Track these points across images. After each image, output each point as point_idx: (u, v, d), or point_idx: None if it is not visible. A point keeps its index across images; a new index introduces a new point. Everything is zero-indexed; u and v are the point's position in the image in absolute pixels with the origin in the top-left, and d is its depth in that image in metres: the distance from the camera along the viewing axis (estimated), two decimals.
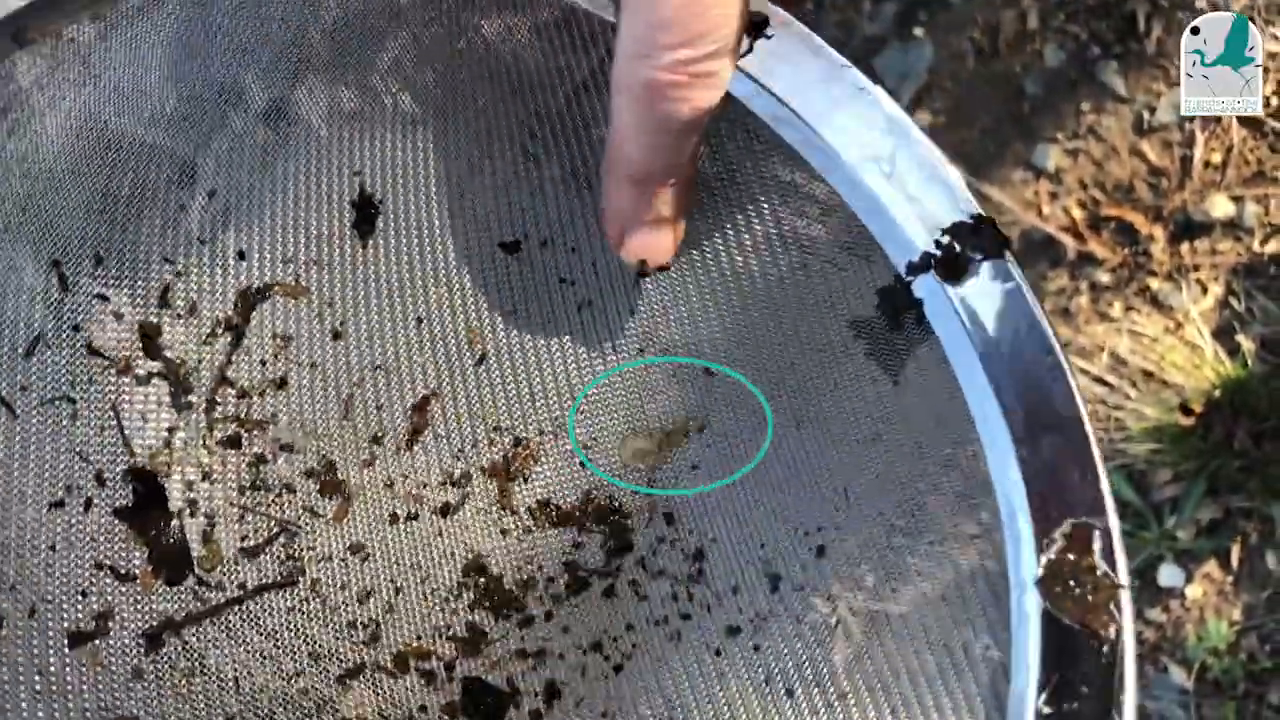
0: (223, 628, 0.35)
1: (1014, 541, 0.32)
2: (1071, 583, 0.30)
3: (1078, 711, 0.29)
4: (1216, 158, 1.01)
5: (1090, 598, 0.30)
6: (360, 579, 0.38)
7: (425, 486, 0.39)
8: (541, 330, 0.41)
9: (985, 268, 0.34)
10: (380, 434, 0.39)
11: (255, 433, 0.37)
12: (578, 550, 0.40)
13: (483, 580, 0.39)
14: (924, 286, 0.35)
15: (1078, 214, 1.04)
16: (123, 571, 0.34)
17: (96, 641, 0.34)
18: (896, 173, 0.35)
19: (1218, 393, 0.98)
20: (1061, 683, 0.29)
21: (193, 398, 0.36)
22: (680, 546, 0.39)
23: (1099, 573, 0.30)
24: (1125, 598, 0.30)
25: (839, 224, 0.36)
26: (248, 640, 0.36)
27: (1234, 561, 0.98)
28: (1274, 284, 0.99)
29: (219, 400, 0.37)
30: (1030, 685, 0.30)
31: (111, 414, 0.35)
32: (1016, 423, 0.33)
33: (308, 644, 0.36)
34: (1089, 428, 0.32)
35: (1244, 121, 1.00)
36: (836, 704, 0.34)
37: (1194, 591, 0.98)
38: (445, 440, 0.40)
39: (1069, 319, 1.04)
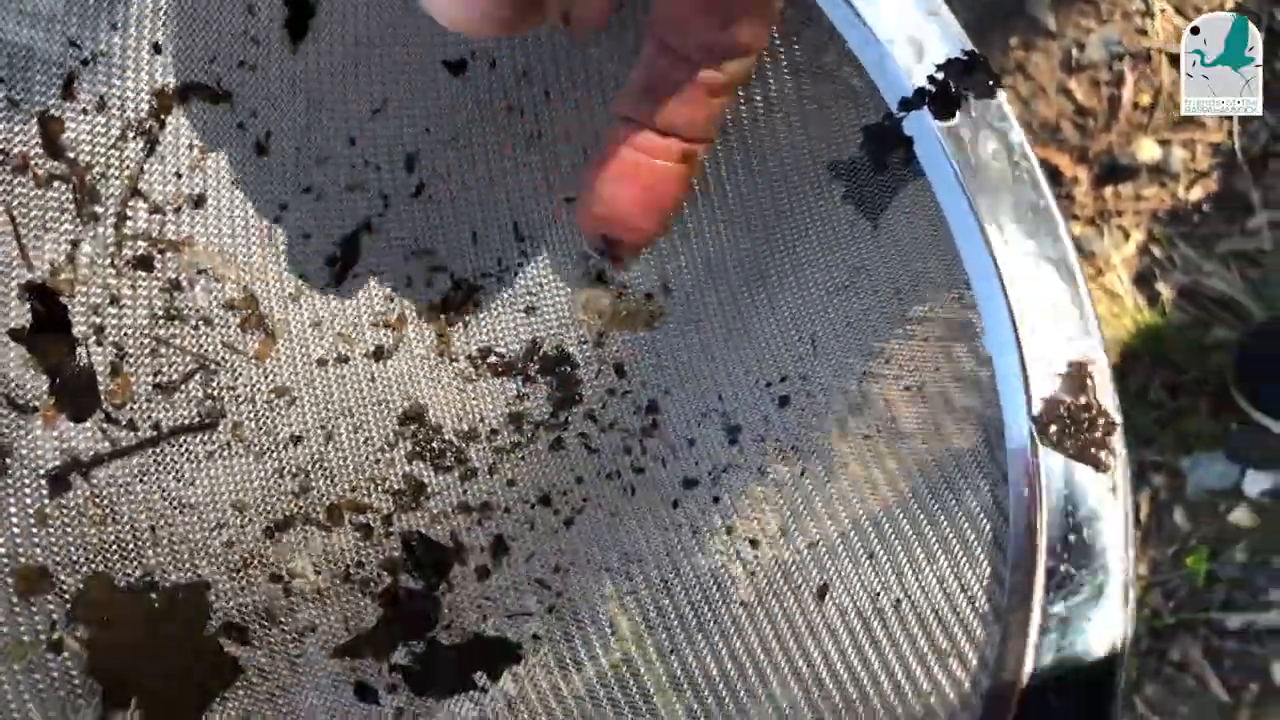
0: (136, 472, 0.33)
1: (1007, 382, 0.33)
2: (1067, 420, 0.32)
3: (1084, 548, 0.30)
4: (1145, 99, 1.04)
5: (1086, 435, 0.32)
6: (286, 424, 0.36)
7: (356, 327, 0.38)
8: (485, 163, 0.39)
9: (978, 105, 0.35)
10: (307, 266, 0.37)
11: (169, 254, 0.35)
12: (522, 401, 0.39)
13: (421, 430, 0.38)
14: (914, 124, 0.35)
15: None
16: (21, 402, 0.32)
17: None
18: (891, 8, 0.35)
19: (1136, 343, 1.02)
20: (1062, 520, 0.31)
21: (99, 208, 0.33)
22: (632, 399, 0.39)
23: (1095, 411, 0.32)
24: (1119, 434, 0.32)
25: (829, 54, 0.36)
26: (164, 487, 0.34)
27: (1143, 516, 1.03)
28: (1196, 232, 1.03)
29: (129, 214, 0.34)
30: (1030, 525, 0.31)
31: (5, 218, 0.32)
32: (1006, 261, 0.34)
33: (231, 493, 0.35)
34: (1077, 265, 0.33)
35: (1174, 62, 1.04)
36: (806, 551, 0.35)
37: None
38: (379, 278, 0.38)
39: None
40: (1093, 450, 0.32)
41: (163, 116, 0.34)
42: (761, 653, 0.34)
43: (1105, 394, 0.33)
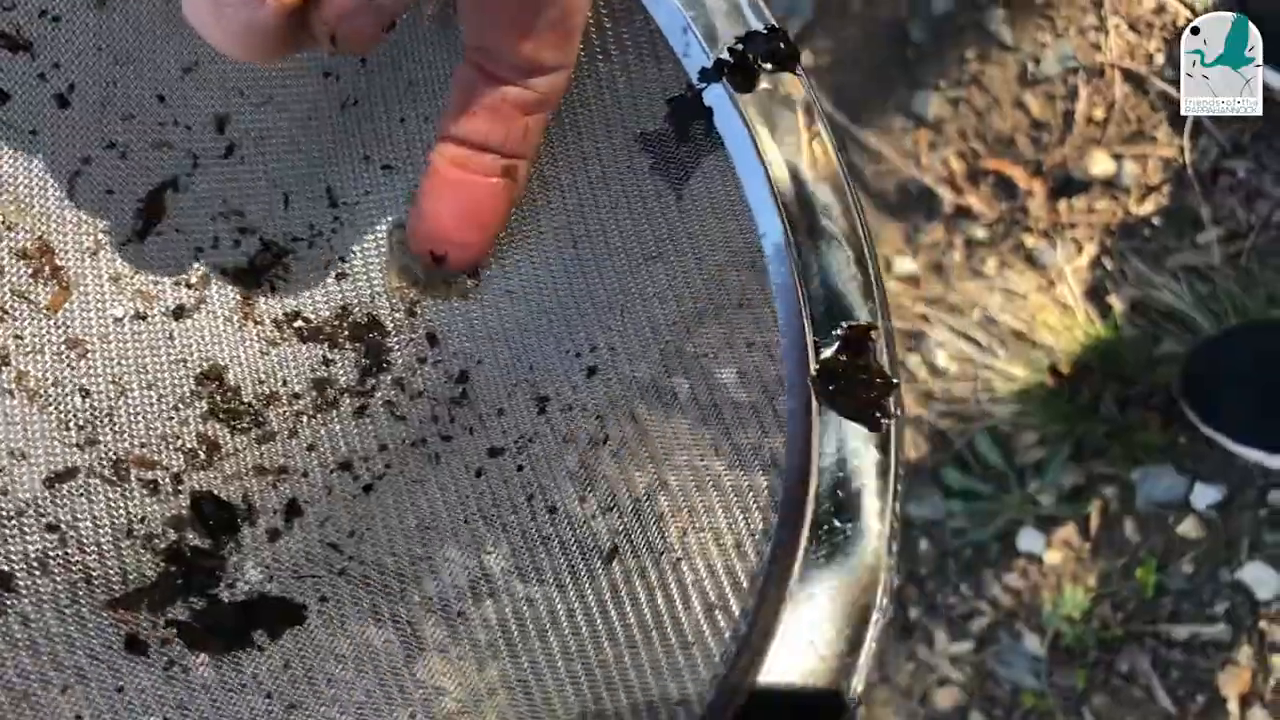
0: None
1: (791, 343, 0.34)
2: (847, 381, 0.33)
3: (852, 501, 0.32)
4: (1099, 113, 1.08)
5: (865, 394, 0.33)
6: (75, 376, 0.37)
7: (157, 285, 0.39)
8: (300, 126, 0.40)
9: (775, 78, 0.37)
10: (108, 222, 0.38)
11: None
12: (328, 367, 0.40)
13: (219, 391, 0.38)
14: (713, 95, 0.37)
15: (956, 166, 1.09)
16: None
17: None
18: None
19: (1087, 355, 1.05)
20: (835, 475, 0.32)
21: None
22: (444, 368, 0.40)
23: (873, 372, 0.33)
24: (895, 396, 0.33)
25: (635, 29, 0.38)
26: None
27: (1093, 528, 1.05)
28: (1147, 246, 1.06)
29: None
30: (805, 479, 0.32)
31: None
32: (799, 231, 0.35)
33: (9, 441, 0.35)
34: (864, 234, 0.35)
35: (1127, 77, 1.08)
36: (599, 516, 0.36)
37: (1052, 557, 1.05)
38: (183, 236, 0.39)
39: (941, 274, 1.10)
40: (868, 409, 0.33)
41: None
42: (547, 616, 0.35)
43: (883, 357, 0.34)
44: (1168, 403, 1.03)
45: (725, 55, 0.37)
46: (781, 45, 0.37)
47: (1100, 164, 1.07)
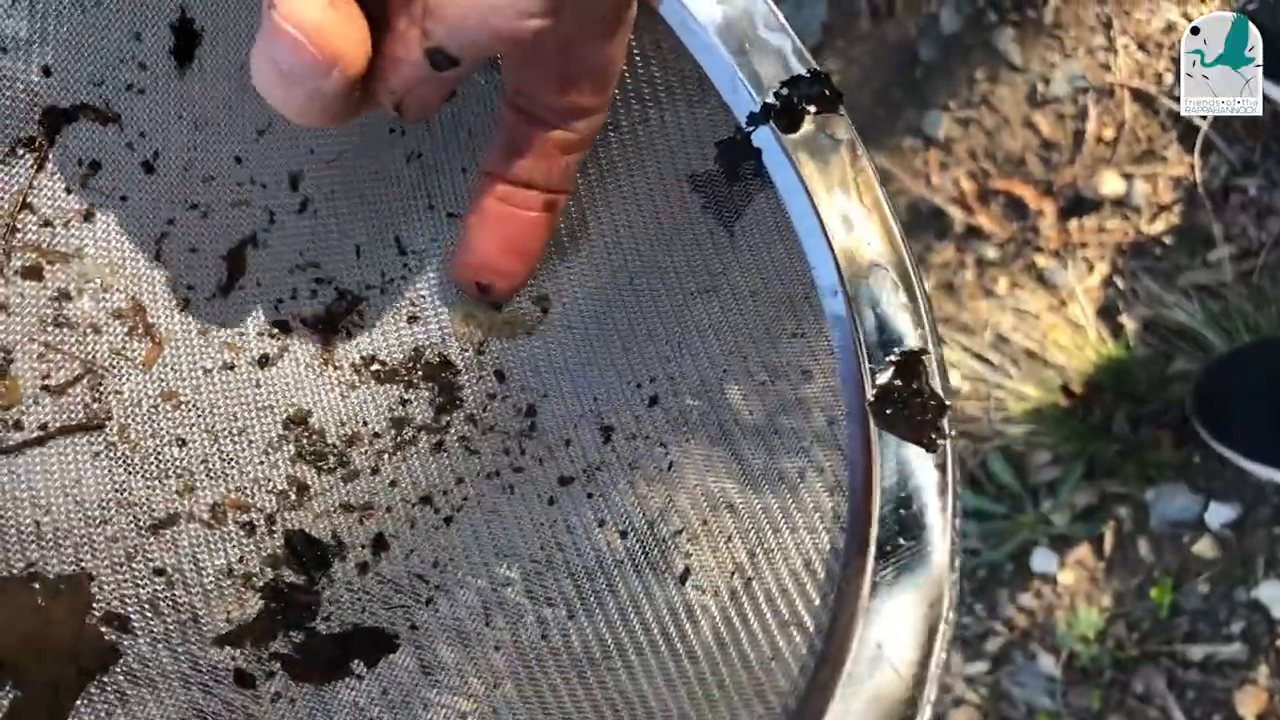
0: (22, 469, 0.36)
1: (847, 371, 0.36)
2: (900, 406, 0.35)
3: (914, 519, 0.33)
4: (1109, 133, 1.08)
5: (920, 417, 0.35)
6: (173, 427, 0.39)
7: (242, 335, 0.40)
8: (369, 180, 0.42)
9: (820, 119, 0.38)
10: (194, 278, 0.40)
11: (58, 266, 0.37)
12: (405, 406, 0.42)
13: (305, 434, 0.40)
14: (761, 137, 0.39)
15: (967, 186, 1.09)
16: None
17: None
18: (744, 35, 0.38)
19: (1099, 374, 1.05)
20: (896, 497, 0.34)
21: None
22: (512, 403, 0.42)
23: (926, 395, 0.35)
24: (947, 418, 0.35)
25: (685, 77, 0.39)
26: (50, 483, 0.36)
27: (1107, 548, 1.04)
28: (1158, 265, 1.06)
29: (19, 226, 0.37)
30: (867, 500, 0.34)
31: None
32: (848, 263, 0.37)
33: (116, 491, 0.37)
34: (910, 262, 0.37)
35: (1136, 97, 1.08)
36: (670, 539, 0.38)
37: (1066, 577, 1.04)
38: (264, 289, 0.41)
39: (953, 294, 1.09)
40: (924, 431, 0.35)
41: (52, 135, 0.37)
42: (625, 634, 0.37)
43: (935, 380, 0.36)
44: (1180, 421, 1.03)
45: (771, 99, 0.39)
46: (825, 90, 0.39)
47: (1110, 183, 1.07)
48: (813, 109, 0.39)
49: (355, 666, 0.37)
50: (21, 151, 0.37)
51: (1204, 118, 1.05)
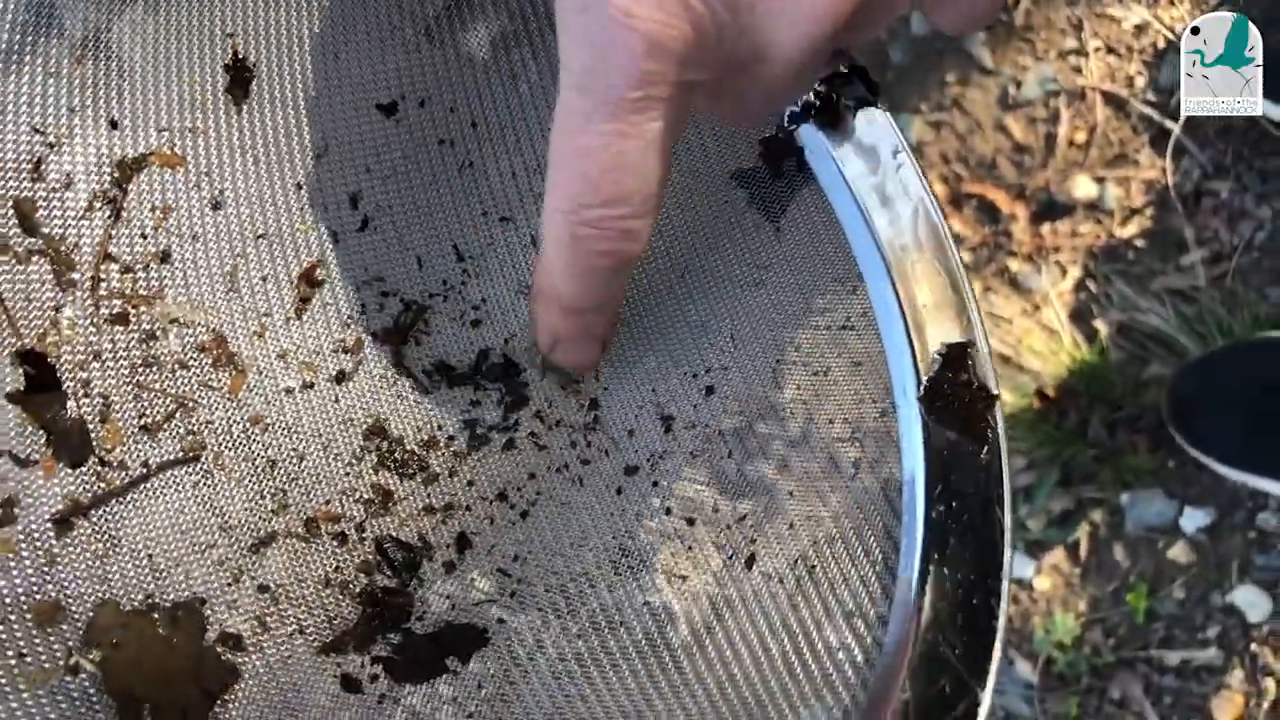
0: (130, 506, 0.38)
1: (897, 362, 0.37)
2: (950, 397, 0.36)
3: (964, 507, 0.35)
4: (1080, 137, 1.05)
5: (967, 410, 0.36)
6: (263, 450, 0.40)
7: (318, 355, 0.42)
8: (423, 192, 0.43)
9: (860, 114, 0.39)
10: (268, 305, 0.41)
11: (142, 308, 0.39)
12: (475, 408, 0.43)
13: (385, 443, 0.42)
14: (804, 134, 0.39)
15: (939, 190, 1.07)
16: (22, 457, 0.36)
17: (4, 529, 0.35)
18: None
19: (1073, 379, 1.04)
20: (948, 486, 0.35)
21: (75, 275, 0.38)
22: (575, 398, 0.43)
23: (975, 387, 0.36)
24: (998, 408, 0.36)
25: None
26: (157, 517, 0.38)
27: (1082, 553, 1.03)
28: (1131, 269, 1.04)
29: (103, 276, 0.38)
30: (919, 490, 0.35)
31: None
32: (894, 257, 0.38)
33: (217, 516, 0.39)
34: (955, 257, 0.37)
35: (1108, 100, 1.05)
36: (734, 525, 0.40)
37: (1042, 583, 1.04)
38: (334, 307, 0.42)
39: None
40: (973, 421, 0.36)
41: (124, 185, 0.39)
42: (698, 616, 0.39)
43: (984, 372, 0.37)
44: (1156, 426, 1.01)
45: (811, 97, 0.39)
46: (864, 85, 0.39)
47: (1083, 187, 1.05)
48: (852, 104, 0.39)
49: (451, 664, 0.39)
50: (98, 205, 0.38)
51: (1175, 120, 1.04)
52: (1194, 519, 1.02)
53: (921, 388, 0.37)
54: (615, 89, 0.31)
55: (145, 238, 0.39)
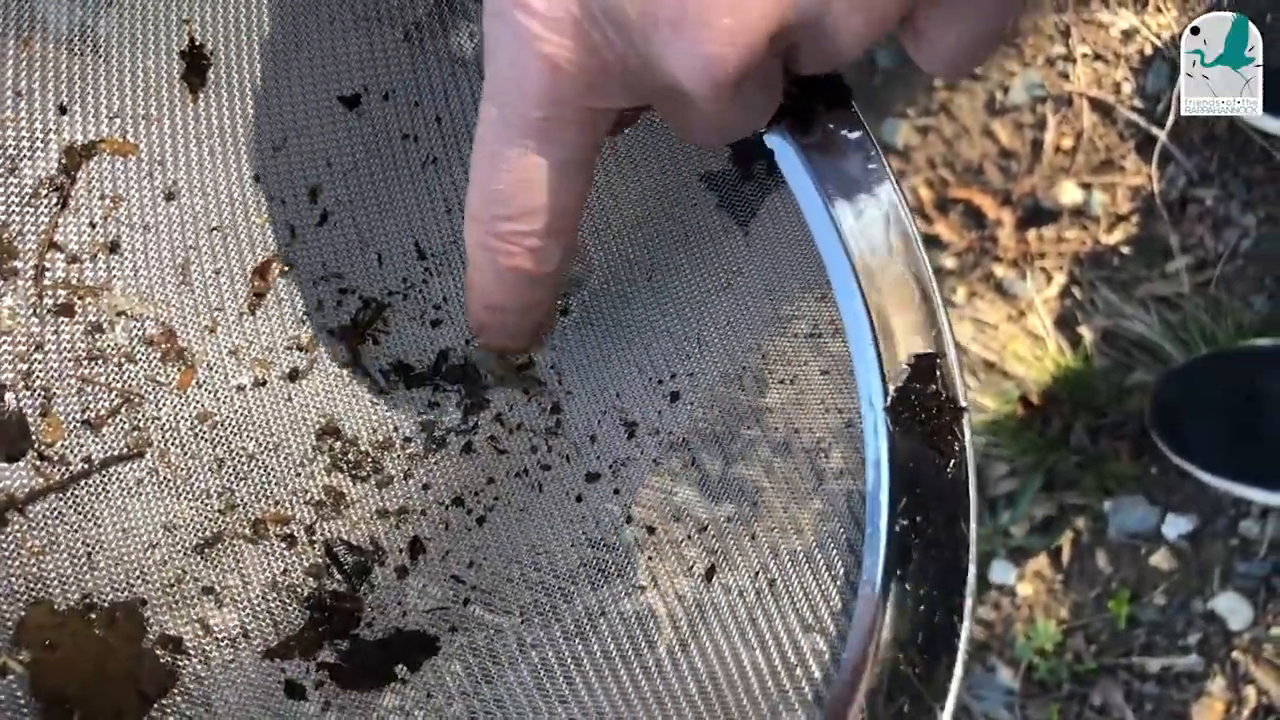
0: (71, 504, 0.36)
1: (864, 373, 0.36)
2: (917, 408, 0.35)
3: (929, 521, 0.33)
4: (1067, 143, 1.05)
5: (935, 422, 0.35)
6: (210, 448, 0.39)
7: (271, 351, 0.41)
8: (385, 188, 0.42)
9: (832, 118, 0.38)
10: (220, 299, 0.40)
11: (89, 300, 0.38)
12: (434, 410, 0.42)
13: (338, 444, 0.41)
14: (774, 138, 0.38)
15: (925, 194, 1.06)
16: None
17: None
18: None
19: (1058, 386, 1.03)
20: (913, 499, 0.34)
21: (18, 263, 0.36)
22: (537, 401, 0.42)
23: (943, 399, 0.35)
24: (965, 420, 0.35)
25: None
26: (98, 515, 0.37)
27: (1065, 560, 1.03)
28: (1116, 276, 1.04)
29: (48, 265, 0.37)
30: (883, 503, 0.34)
31: None
32: (863, 264, 0.37)
33: (161, 515, 0.38)
34: (925, 262, 0.36)
35: (1095, 106, 1.05)
36: (695, 535, 0.38)
37: (1024, 589, 1.03)
38: (290, 303, 0.41)
39: None
40: (941, 434, 0.35)
41: (73, 172, 0.37)
42: (653, 624, 0.38)
43: (953, 384, 0.36)
44: (1139, 433, 1.01)
45: (782, 99, 0.38)
46: (836, 89, 0.38)
47: (1069, 193, 1.05)
48: (824, 108, 0.38)
49: (399, 671, 0.38)
50: (44, 192, 0.37)
51: (1161, 127, 1.03)
52: (1176, 526, 1.01)
53: (888, 399, 0.36)
54: (521, 106, 0.30)
55: (94, 227, 0.38)
